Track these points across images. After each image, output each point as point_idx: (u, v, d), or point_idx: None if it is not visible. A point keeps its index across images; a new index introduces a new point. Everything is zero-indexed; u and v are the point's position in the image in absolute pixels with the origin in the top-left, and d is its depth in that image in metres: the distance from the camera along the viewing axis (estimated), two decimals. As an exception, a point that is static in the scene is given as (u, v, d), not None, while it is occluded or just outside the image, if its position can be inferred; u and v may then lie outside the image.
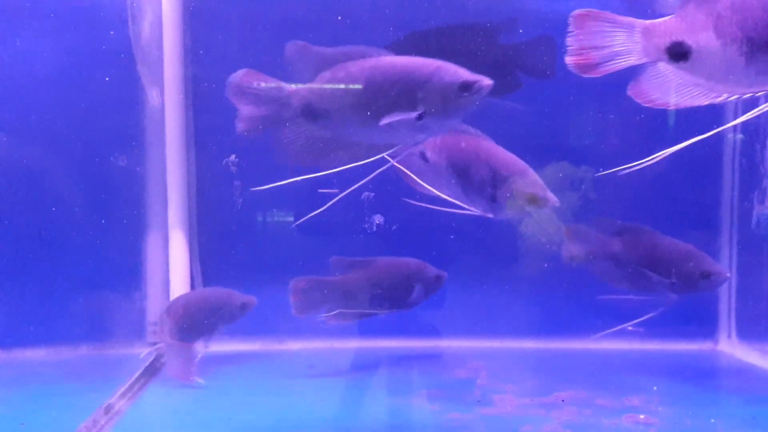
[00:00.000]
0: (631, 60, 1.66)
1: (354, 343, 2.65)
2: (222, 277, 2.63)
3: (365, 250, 2.60)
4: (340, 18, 2.47)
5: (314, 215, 2.26)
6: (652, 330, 2.69)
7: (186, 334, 2.38)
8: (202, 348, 2.62)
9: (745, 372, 2.51)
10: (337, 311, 2.32)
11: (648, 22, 1.64)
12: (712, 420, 1.93)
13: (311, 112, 1.91)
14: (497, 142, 2.50)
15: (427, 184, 2.12)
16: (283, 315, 2.62)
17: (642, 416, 1.92)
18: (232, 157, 2.57)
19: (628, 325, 2.46)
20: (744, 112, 2.61)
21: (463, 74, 1.79)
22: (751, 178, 2.57)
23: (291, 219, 2.67)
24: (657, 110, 2.64)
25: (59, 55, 2.32)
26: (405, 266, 2.36)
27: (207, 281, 2.62)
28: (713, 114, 2.65)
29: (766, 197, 2.49)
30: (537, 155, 2.57)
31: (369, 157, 1.94)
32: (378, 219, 2.52)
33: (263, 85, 1.93)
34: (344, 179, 2.57)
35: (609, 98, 2.60)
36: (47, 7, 2.32)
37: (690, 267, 2.25)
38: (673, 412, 1.98)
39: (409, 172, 2.11)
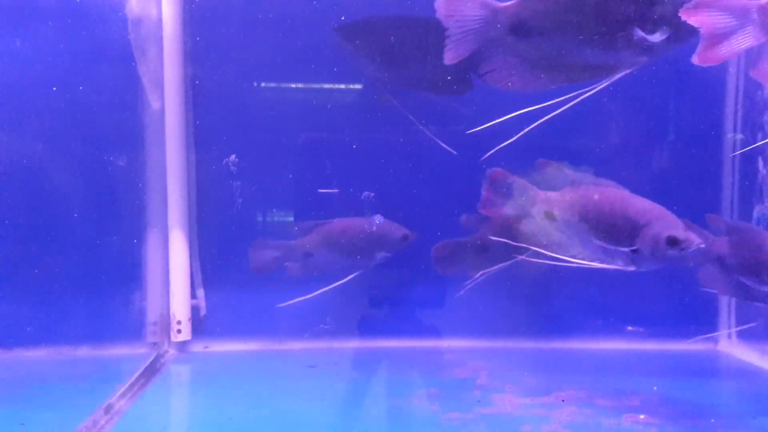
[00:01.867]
0: (749, 41, 1.62)
1: (354, 343, 2.65)
2: (222, 277, 2.63)
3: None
4: (343, 18, 2.48)
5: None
6: (652, 330, 2.70)
7: (338, 254, 2.46)
8: (202, 347, 2.62)
9: (745, 372, 2.51)
10: (481, 273, 2.39)
11: (762, 2, 1.62)
12: (712, 420, 1.93)
13: (521, 29, 1.77)
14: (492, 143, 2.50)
15: (555, 245, 2.05)
16: (283, 315, 2.64)
17: (642, 416, 1.92)
18: (232, 157, 2.57)
19: (751, 325, 2.40)
20: (744, 112, 2.62)
21: None
22: (751, 178, 2.57)
23: (291, 219, 2.67)
24: (655, 110, 2.65)
25: (59, 55, 2.32)
26: None
27: (207, 281, 2.62)
28: (712, 112, 2.66)
29: (766, 197, 2.49)
30: (537, 155, 2.59)
31: (584, 80, 1.80)
32: (378, 219, 2.52)
33: (468, 3, 1.79)
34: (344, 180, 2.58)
35: (608, 97, 2.60)
36: (47, 7, 2.32)
37: None
38: (673, 412, 1.98)
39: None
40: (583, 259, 2.03)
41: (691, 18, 1.61)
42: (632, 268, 1.97)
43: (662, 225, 1.92)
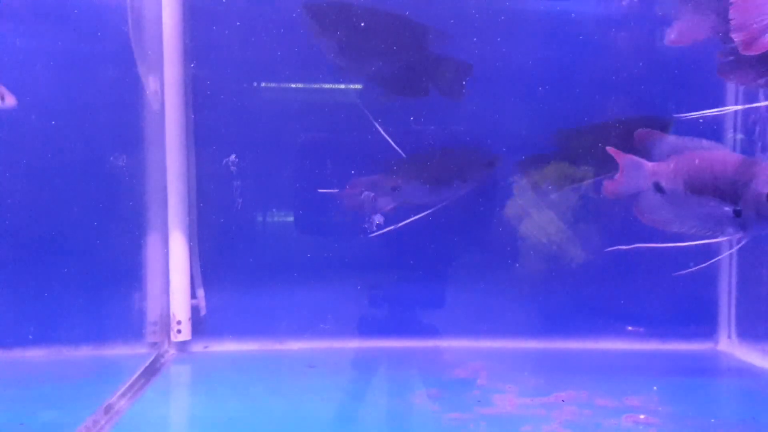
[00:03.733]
0: None
1: (354, 343, 2.65)
2: (222, 277, 2.63)
3: (365, 250, 2.61)
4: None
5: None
6: (652, 330, 2.70)
7: (425, 186, 2.45)
8: (201, 347, 2.62)
9: (745, 372, 2.51)
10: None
11: None
12: (712, 420, 1.93)
13: None
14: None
15: (668, 219, 2.00)
16: (283, 315, 2.64)
17: (642, 416, 1.92)
18: (232, 157, 2.57)
19: None
20: (743, 111, 2.62)
21: None
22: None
23: (291, 219, 2.67)
24: (655, 109, 2.65)
25: (59, 55, 2.32)
26: None
27: (207, 281, 2.62)
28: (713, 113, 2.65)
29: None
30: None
31: None
32: (378, 219, 2.52)
33: None
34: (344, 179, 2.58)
35: (608, 97, 2.60)
36: (47, 7, 2.32)
37: None
38: (673, 412, 1.98)
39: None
40: (691, 231, 1.96)
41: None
42: (741, 235, 1.89)
43: (762, 181, 1.81)
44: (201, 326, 2.62)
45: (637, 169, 2.08)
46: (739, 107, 2.26)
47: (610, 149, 2.10)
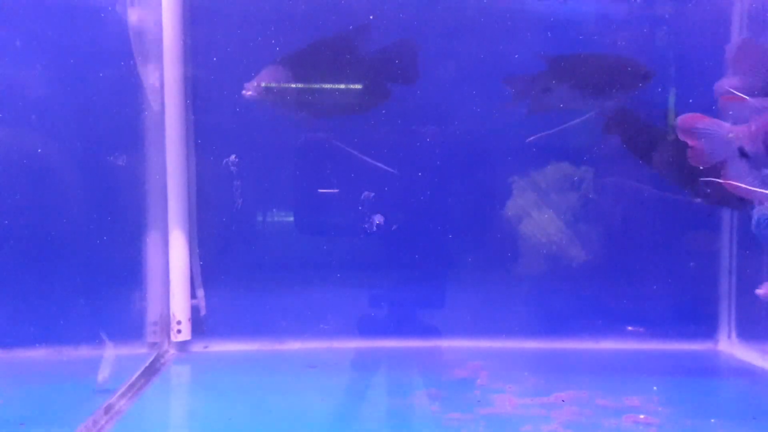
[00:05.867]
0: None
1: (354, 343, 2.65)
2: (222, 277, 2.63)
3: (365, 250, 2.61)
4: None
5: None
6: (652, 330, 2.70)
7: (577, 89, 2.36)
8: (202, 347, 2.62)
9: (745, 372, 2.51)
10: None
11: None
12: (712, 420, 1.93)
13: None
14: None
15: (754, 185, 1.93)
16: (283, 315, 2.64)
17: (642, 416, 1.92)
18: (232, 157, 2.57)
19: None
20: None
21: None
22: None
23: (291, 219, 2.67)
24: (655, 109, 2.65)
25: (59, 54, 2.32)
26: None
27: (207, 281, 2.62)
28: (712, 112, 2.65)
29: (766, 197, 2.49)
30: (537, 155, 2.59)
31: None
32: (378, 219, 2.52)
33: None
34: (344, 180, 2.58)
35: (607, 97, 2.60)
36: (47, 7, 2.32)
37: None
38: (673, 412, 1.98)
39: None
40: None
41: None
42: None
43: None
44: (201, 326, 2.62)
45: (717, 132, 1.99)
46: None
47: (689, 115, 2.04)
